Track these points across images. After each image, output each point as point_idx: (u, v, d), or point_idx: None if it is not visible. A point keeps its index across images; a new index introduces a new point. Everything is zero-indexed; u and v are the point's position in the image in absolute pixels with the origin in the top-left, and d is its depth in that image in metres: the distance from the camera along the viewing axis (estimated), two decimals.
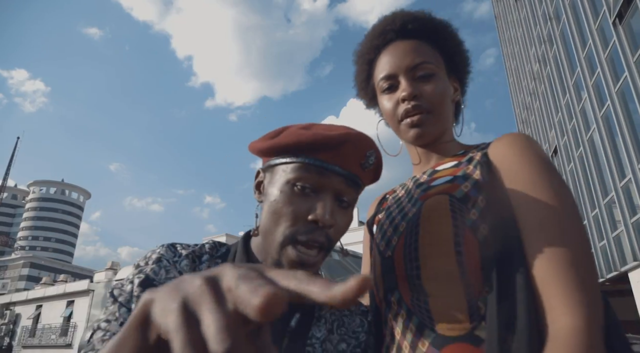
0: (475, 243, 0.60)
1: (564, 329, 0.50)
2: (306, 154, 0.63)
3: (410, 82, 0.74)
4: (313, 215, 0.61)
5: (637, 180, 9.05)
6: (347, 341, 0.68)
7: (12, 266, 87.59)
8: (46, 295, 23.14)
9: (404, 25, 0.77)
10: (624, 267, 10.23)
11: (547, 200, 0.58)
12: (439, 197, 0.65)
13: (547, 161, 0.63)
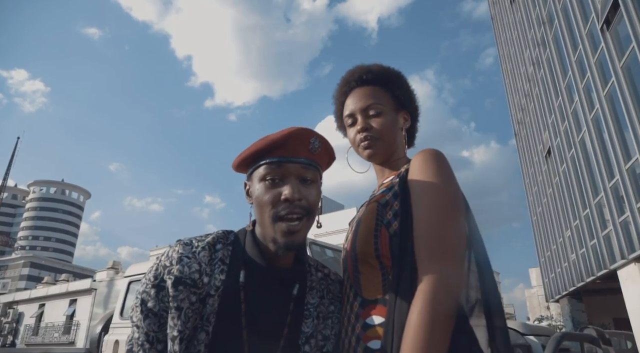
0: (387, 235, 0.87)
1: (419, 291, 0.77)
2: (265, 156, 0.86)
3: (363, 118, 1.02)
4: (284, 196, 0.83)
5: (624, 181, 9.34)
6: (334, 304, 0.94)
7: (12, 266, 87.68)
8: (49, 294, 23.44)
9: (361, 76, 1.05)
10: (613, 264, 10.52)
11: (426, 202, 0.85)
12: (373, 204, 0.93)
13: (436, 173, 0.88)
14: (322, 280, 0.96)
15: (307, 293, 0.91)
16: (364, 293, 0.88)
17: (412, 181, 0.89)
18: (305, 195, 0.85)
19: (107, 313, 5.23)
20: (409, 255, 0.83)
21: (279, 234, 0.83)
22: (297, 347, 0.84)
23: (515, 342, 2.28)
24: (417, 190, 0.87)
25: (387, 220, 0.89)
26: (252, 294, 0.84)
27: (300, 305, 0.88)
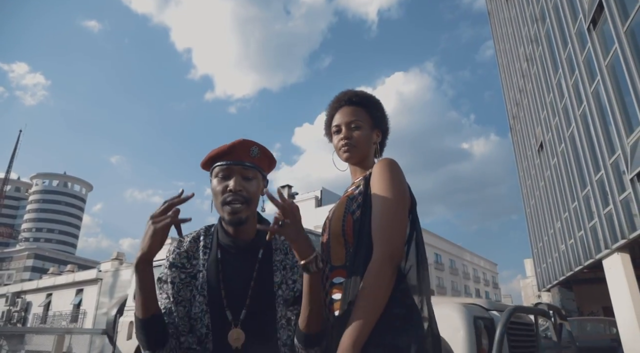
0: (351, 220, 1.25)
1: (374, 259, 1.15)
2: (218, 160, 1.23)
3: (347, 129, 1.40)
4: (229, 187, 1.19)
5: (608, 174, 9.77)
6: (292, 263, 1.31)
7: (17, 257, 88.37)
8: (56, 284, 24.04)
9: (350, 97, 1.45)
10: (598, 254, 10.99)
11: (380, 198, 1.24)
12: (344, 198, 1.34)
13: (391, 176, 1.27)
14: (284, 241, 1.33)
15: (273, 253, 1.28)
16: (332, 262, 1.29)
17: (373, 182, 1.29)
18: (246, 187, 1.21)
19: (121, 298, 5.69)
20: (365, 235, 1.23)
21: (226, 214, 1.20)
22: (272, 292, 1.25)
23: (482, 316, 2.74)
24: (375, 190, 1.27)
25: (352, 209, 1.28)
26: (226, 264, 1.25)
27: (269, 263, 1.26)
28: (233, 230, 1.25)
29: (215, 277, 1.22)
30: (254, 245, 1.28)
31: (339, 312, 1.17)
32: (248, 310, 1.21)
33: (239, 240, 1.27)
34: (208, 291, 1.21)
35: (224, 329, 1.18)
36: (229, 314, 1.19)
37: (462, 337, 2.48)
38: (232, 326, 1.19)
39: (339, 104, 1.45)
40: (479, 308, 2.73)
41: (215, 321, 1.20)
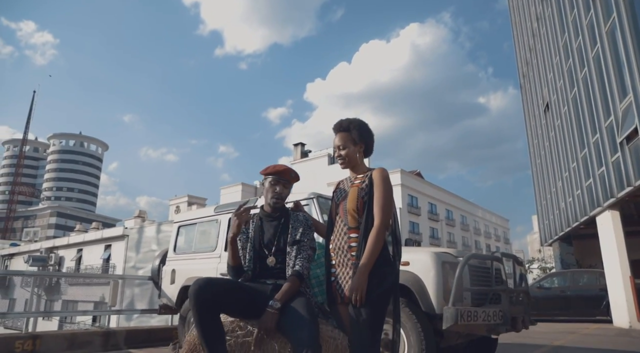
0: (361, 202, 2.10)
1: (374, 225, 2.01)
2: (272, 174, 2.30)
3: (338, 150, 2.25)
4: (276, 191, 2.28)
5: (603, 137, 10.31)
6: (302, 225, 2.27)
7: (40, 215, 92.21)
8: (85, 240, 25.77)
9: (338, 126, 2.27)
10: (592, 211, 11.72)
11: (379, 193, 2.08)
12: (355, 188, 2.16)
13: (384, 181, 2.13)
14: (295, 215, 2.32)
15: (289, 222, 2.27)
16: (349, 224, 2.12)
17: (374, 182, 2.14)
18: (283, 194, 2.31)
19: (163, 250, 6.64)
20: (370, 211, 2.08)
21: (272, 204, 2.30)
22: (286, 239, 2.20)
23: (450, 261, 3.55)
24: (377, 188, 2.12)
25: (362, 196, 2.12)
26: (263, 225, 2.26)
27: (285, 226, 2.26)
28: (270, 209, 2.30)
29: (259, 233, 2.24)
30: (279, 216, 2.31)
31: (356, 253, 2.05)
32: (276, 248, 2.19)
33: (272, 214, 2.31)
34: (254, 240, 2.22)
35: (264, 258, 2.18)
36: (265, 250, 2.18)
37: (433, 275, 3.31)
38: (269, 255, 2.16)
39: (334, 132, 2.31)
40: (448, 255, 3.55)
41: (259, 255, 2.20)
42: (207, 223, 5.48)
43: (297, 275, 2.08)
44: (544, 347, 6.31)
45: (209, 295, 1.84)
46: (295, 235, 2.22)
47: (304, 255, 2.18)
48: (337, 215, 2.20)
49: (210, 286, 1.85)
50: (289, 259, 2.17)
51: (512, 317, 3.56)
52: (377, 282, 1.92)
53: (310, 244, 2.25)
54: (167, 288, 5.78)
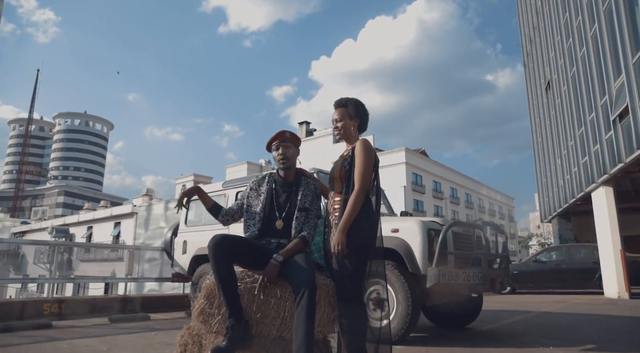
0: (344, 171, 2.44)
1: (355, 189, 2.35)
2: (274, 141, 2.59)
3: (335, 122, 2.59)
4: (279, 153, 2.54)
5: (598, 115, 10.54)
6: (312, 193, 2.59)
7: (48, 194, 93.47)
8: (95, 217, 26.46)
9: (340, 101, 2.62)
10: (587, 187, 12.04)
11: (358, 161, 2.41)
12: (340, 159, 2.52)
13: (364, 150, 2.45)
14: (307, 184, 2.61)
15: (300, 189, 2.57)
16: (335, 190, 2.48)
17: (355, 151, 2.47)
18: (286, 152, 2.54)
19: (175, 223, 7.10)
20: (351, 177, 2.42)
21: (280, 166, 2.56)
22: (296, 204, 2.51)
23: (435, 228, 3.94)
24: (357, 157, 2.45)
25: (345, 165, 2.46)
26: (277, 189, 2.56)
27: (296, 192, 2.56)
28: (283, 173, 2.59)
29: (271, 196, 2.55)
30: (291, 183, 2.61)
31: (338, 214, 2.37)
32: (286, 212, 2.50)
33: (286, 179, 2.61)
34: (265, 201, 2.53)
35: (273, 220, 2.50)
36: (277, 213, 2.50)
37: (419, 241, 3.71)
38: (278, 218, 2.48)
39: (334, 106, 2.64)
40: (434, 224, 3.94)
41: (269, 216, 2.52)
42: (216, 198, 5.87)
43: (302, 239, 2.42)
44: (531, 313, 6.76)
45: (224, 247, 2.23)
46: (305, 203, 2.49)
47: (311, 223, 2.48)
48: (329, 183, 2.57)
49: (225, 240, 2.25)
50: (297, 223, 2.45)
51: (491, 278, 3.97)
52: (357, 237, 2.28)
53: (317, 213, 2.54)
54: (179, 258, 6.25)
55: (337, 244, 2.23)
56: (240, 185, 5.60)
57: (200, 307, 2.36)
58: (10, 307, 5.31)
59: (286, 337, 2.28)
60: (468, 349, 3.54)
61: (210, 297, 2.36)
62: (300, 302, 2.09)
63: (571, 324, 5.36)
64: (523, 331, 4.71)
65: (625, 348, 3.67)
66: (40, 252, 26.87)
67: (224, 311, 2.29)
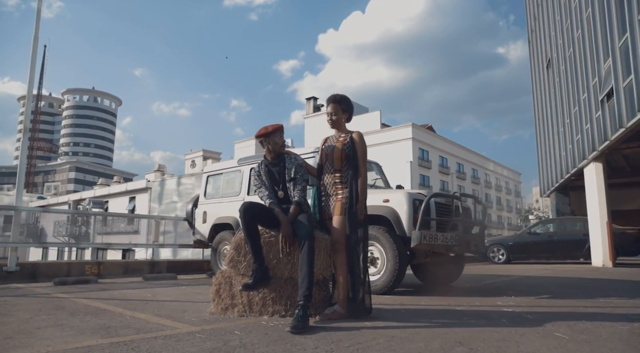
0: (345, 153, 3.20)
1: (361, 176, 3.16)
2: (258, 137, 3.34)
3: (330, 116, 3.34)
4: (269, 149, 3.28)
5: (589, 95, 11.06)
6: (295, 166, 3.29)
7: (60, 170, 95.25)
8: (111, 192, 27.55)
9: (335, 97, 3.36)
10: (580, 163, 12.66)
11: (360, 151, 3.21)
12: (339, 144, 3.26)
13: (363, 142, 3.28)
14: (289, 159, 3.32)
15: (286, 165, 3.31)
16: (336, 167, 3.24)
17: (355, 142, 3.26)
18: (273, 146, 3.27)
19: (194, 196, 7.91)
20: (349, 160, 3.20)
21: (269, 156, 3.31)
22: (291, 177, 3.25)
23: (419, 198, 4.69)
24: (357, 146, 3.24)
25: (344, 149, 3.22)
26: (269, 170, 3.30)
27: (284, 167, 3.29)
28: (272, 157, 3.31)
29: (268, 176, 3.27)
30: (278, 162, 3.32)
31: (341, 186, 3.17)
32: (282, 184, 3.26)
33: (272, 161, 3.32)
34: (268, 181, 3.26)
35: (276, 192, 3.24)
36: (276, 187, 3.23)
37: (405, 209, 4.46)
38: (279, 190, 3.22)
39: (328, 102, 3.40)
40: (419, 195, 4.68)
41: (273, 190, 3.26)
42: (232, 173, 6.67)
43: (296, 204, 3.14)
44: (513, 276, 7.53)
45: (252, 211, 3.02)
46: (291, 174, 3.17)
47: (300, 187, 3.13)
48: (327, 161, 3.31)
49: (252, 206, 3.05)
50: (290, 191, 3.17)
51: (466, 241, 4.73)
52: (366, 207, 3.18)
53: (303, 177, 3.18)
54: (199, 227, 7.09)
55: (362, 213, 3.11)
56: (253, 162, 6.35)
57: (231, 255, 3.16)
58: (59, 267, 6.21)
59: (295, 278, 3.08)
60: (442, 298, 4.33)
61: (238, 248, 3.16)
62: (303, 248, 2.87)
63: (541, 283, 6.14)
64: (496, 288, 5.50)
65: (574, 296, 4.44)
66: (59, 225, 28.13)
67: (249, 258, 3.09)
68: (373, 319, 2.94)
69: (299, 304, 2.68)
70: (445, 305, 3.74)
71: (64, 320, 2.79)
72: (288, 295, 3.04)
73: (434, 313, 3.34)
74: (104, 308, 3.33)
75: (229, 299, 3.14)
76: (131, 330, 2.49)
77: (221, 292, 3.18)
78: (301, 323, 2.51)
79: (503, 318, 3.05)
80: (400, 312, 3.34)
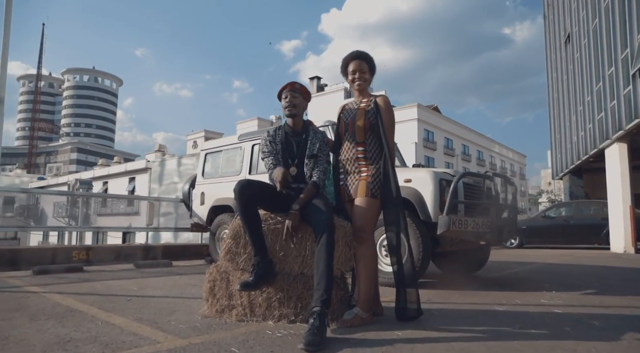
0: (368, 121, 2.58)
1: (390, 151, 2.54)
2: (283, 90, 2.71)
3: (360, 73, 2.68)
4: (287, 100, 2.67)
5: (618, 70, 10.29)
6: (319, 140, 2.69)
7: (61, 151, 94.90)
8: (110, 173, 27.02)
9: (364, 56, 2.70)
10: (601, 144, 11.96)
11: (388, 119, 2.58)
12: (362, 109, 2.64)
13: (390, 108, 2.64)
14: (315, 133, 2.71)
15: (309, 138, 2.69)
16: (357, 139, 2.61)
17: (381, 108, 2.61)
18: (293, 100, 2.66)
19: (192, 175, 7.30)
20: (376, 129, 2.58)
21: (286, 112, 2.68)
22: (313, 154, 2.62)
23: (446, 178, 4.07)
24: (384, 113, 2.60)
25: (368, 116, 2.59)
26: (287, 138, 2.68)
27: (306, 140, 2.67)
28: (292, 122, 2.70)
29: (284, 145, 2.66)
30: (301, 132, 2.71)
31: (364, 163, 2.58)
32: (298, 159, 2.63)
33: (295, 128, 2.71)
34: (281, 152, 2.66)
35: (288, 167, 2.63)
36: (290, 161, 2.61)
37: (431, 190, 3.85)
38: (292, 165, 2.61)
39: (352, 57, 2.73)
40: (446, 174, 4.06)
41: (284, 164, 2.64)
42: (232, 151, 6.04)
43: (314, 184, 2.55)
44: (536, 264, 6.97)
45: (250, 191, 2.39)
46: (313, 150, 2.61)
47: (321, 169, 2.58)
48: (347, 132, 2.68)
49: (250, 185, 2.41)
50: (307, 169, 2.59)
51: (498, 227, 4.12)
52: None
53: (326, 159, 2.63)
54: (197, 209, 6.50)
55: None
56: (256, 138, 5.72)
57: (228, 246, 2.55)
58: (44, 253, 5.66)
59: (307, 274, 2.48)
60: (474, 293, 3.75)
61: (237, 237, 2.55)
62: (320, 240, 2.26)
63: (570, 272, 5.57)
64: (527, 278, 4.92)
65: (622, 291, 3.85)
66: (59, 206, 27.71)
67: (250, 250, 2.48)
68: (404, 326, 2.35)
69: (315, 311, 2.09)
70: (483, 304, 3.15)
71: (14, 329, 2.21)
72: (298, 296, 2.45)
73: (475, 316, 2.75)
74: (75, 309, 2.75)
75: (226, 299, 2.56)
76: (96, 346, 1.91)
77: (216, 291, 2.60)
78: (318, 338, 1.92)
79: (563, 324, 2.47)
80: (433, 314, 2.75)
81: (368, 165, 2.59)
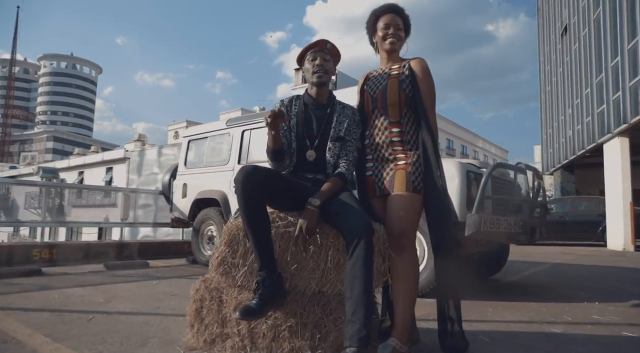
0: (404, 94, 1.95)
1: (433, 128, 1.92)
2: (310, 49, 2.02)
3: (394, 29, 2.02)
4: (316, 63, 1.99)
5: (624, 60, 9.88)
6: (347, 118, 2.02)
7: (37, 140, 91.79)
8: (86, 162, 25.79)
9: (392, 7, 2.05)
10: (601, 138, 11.61)
11: (428, 89, 1.95)
12: (394, 79, 1.99)
13: (429, 75, 1.98)
14: (342, 108, 2.06)
15: (334, 112, 2.03)
16: (391, 118, 1.98)
17: (418, 75, 1.97)
18: (324, 64, 2.00)
19: (173, 165, 6.56)
20: (413, 105, 1.96)
21: (314, 79, 1.99)
22: (339, 136, 1.97)
23: (473, 171, 3.48)
24: (423, 81, 1.97)
25: (403, 87, 1.96)
26: (307, 112, 2.02)
27: (331, 116, 2.01)
28: (316, 92, 2.03)
29: (302, 121, 2.00)
30: (325, 105, 2.05)
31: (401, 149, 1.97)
32: (319, 140, 1.98)
33: (318, 99, 2.04)
34: (296, 129, 1.99)
35: (304, 150, 1.98)
36: (307, 142, 1.97)
37: (457, 183, 3.25)
38: (309, 148, 1.97)
39: (383, 11, 2.07)
40: (472, 166, 3.47)
41: (299, 146, 1.98)
42: (219, 137, 5.35)
43: (340, 177, 1.91)
44: (545, 264, 6.52)
45: (257, 181, 1.72)
46: (340, 131, 1.97)
47: (350, 158, 1.97)
48: (375, 109, 2.04)
49: (257, 172, 1.73)
50: (330, 156, 1.96)
51: (532, 227, 3.56)
52: None
53: (356, 144, 2.01)
54: (178, 202, 5.80)
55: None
56: (246, 123, 5.04)
57: (221, 255, 1.89)
58: None
59: (327, 293, 1.85)
60: (508, 304, 3.19)
61: (234, 244, 1.89)
62: (355, 250, 1.63)
63: (593, 276, 5.10)
64: (550, 283, 4.41)
65: None
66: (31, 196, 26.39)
67: (252, 261, 1.84)
68: None
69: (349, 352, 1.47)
70: (530, 323, 2.59)
71: None
72: (316, 323, 1.81)
73: (531, 341, 2.18)
74: (11, 337, 2.06)
75: (218, 326, 1.90)
76: None
77: (204, 314, 1.94)
78: None
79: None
80: (482, 340, 2.16)
81: (406, 150, 1.97)
